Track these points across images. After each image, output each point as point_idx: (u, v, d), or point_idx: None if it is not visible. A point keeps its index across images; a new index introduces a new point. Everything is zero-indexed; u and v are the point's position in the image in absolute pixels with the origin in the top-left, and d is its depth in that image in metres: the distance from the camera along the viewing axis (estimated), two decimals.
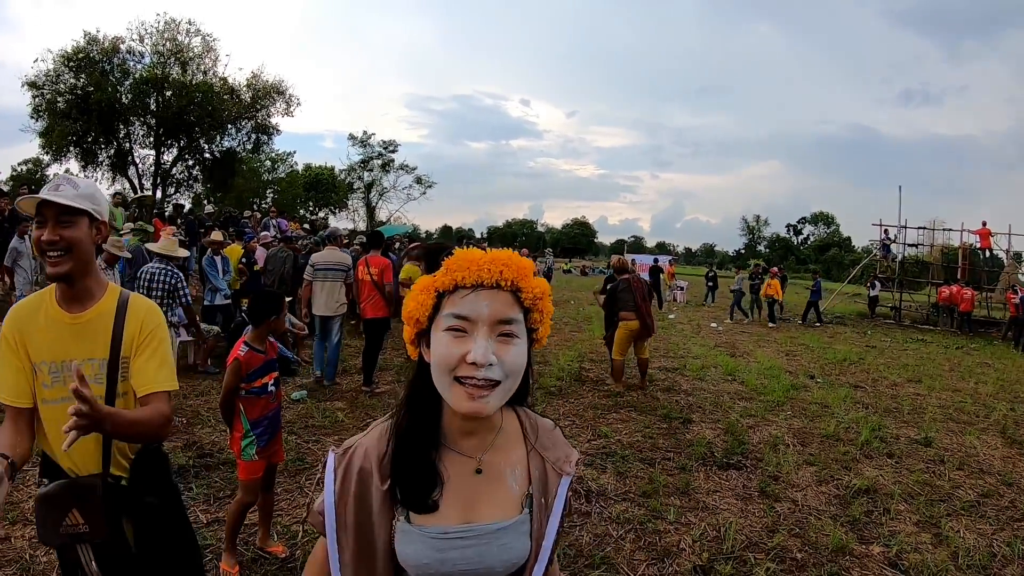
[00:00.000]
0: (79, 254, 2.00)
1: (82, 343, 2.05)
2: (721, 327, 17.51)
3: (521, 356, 1.20)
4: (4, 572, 3.60)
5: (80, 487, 2.03)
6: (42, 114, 27.00)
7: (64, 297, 2.06)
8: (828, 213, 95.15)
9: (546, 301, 1.25)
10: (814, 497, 5.11)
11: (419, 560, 1.22)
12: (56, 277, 1.99)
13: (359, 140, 49.68)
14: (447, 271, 1.21)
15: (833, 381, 10.16)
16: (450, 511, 1.24)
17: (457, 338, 1.16)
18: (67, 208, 1.96)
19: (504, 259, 1.20)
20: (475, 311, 1.17)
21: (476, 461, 1.28)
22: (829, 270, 63.41)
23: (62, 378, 2.01)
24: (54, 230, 1.95)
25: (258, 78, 30.86)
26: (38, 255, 1.97)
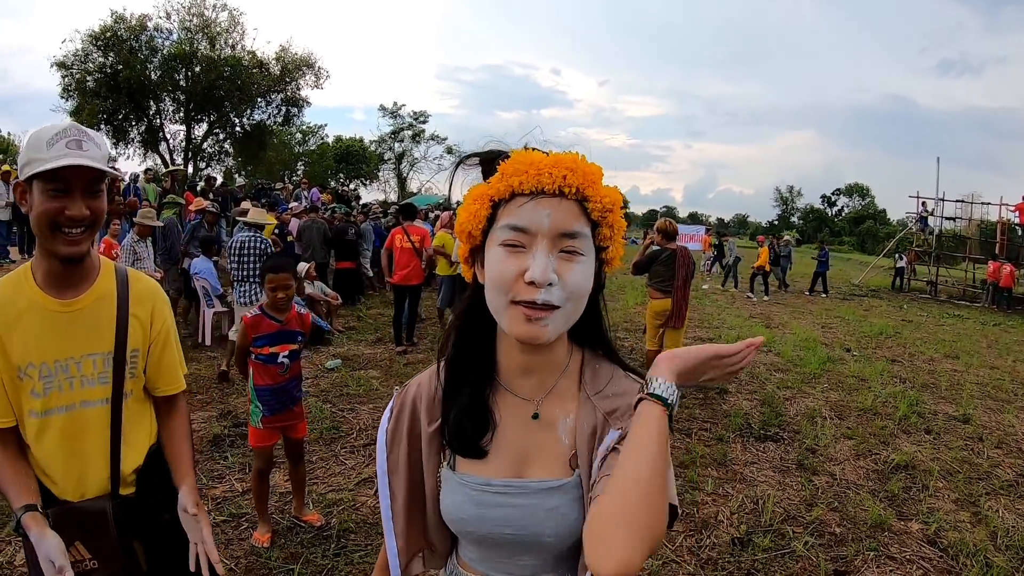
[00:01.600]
0: (99, 228, 1.63)
1: (80, 336, 1.65)
2: (756, 298, 17.38)
3: (586, 277, 1.03)
4: None
5: (84, 514, 1.65)
6: (72, 94, 27.25)
7: (53, 280, 1.62)
8: (863, 185, 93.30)
9: (617, 214, 1.08)
10: (852, 471, 5.10)
11: (457, 513, 1.13)
12: (76, 258, 1.59)
13: (389, 111, 49.71)
14: (502, 176, 1.05)
15: (870, 355, 10.08)
16: (498, 461, 1.12)
17: (514, 253, 1.01)
18: (100, 173, 1.56)
19: (569, 162, 1.03)
20: (534, 222, 1.01)
21: (534, 405, 1.13)
22: (864, 243, 62.58)
23: (57, 382, 1.62)
24: (83, 202, 1.53)
25: (287, 51, 30.87)
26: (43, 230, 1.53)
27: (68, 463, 1.66)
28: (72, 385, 1.64)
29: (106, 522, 1.67)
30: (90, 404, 1.67)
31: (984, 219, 24.61)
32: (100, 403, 1.69)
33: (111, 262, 1.77)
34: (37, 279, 1.63)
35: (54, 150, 1.47)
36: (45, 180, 1.50)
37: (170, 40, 28.91)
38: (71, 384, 1.64)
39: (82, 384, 1.65)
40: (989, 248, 22.53)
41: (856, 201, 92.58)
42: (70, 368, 1.63)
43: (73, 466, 1.66)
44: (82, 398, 1.65)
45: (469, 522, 1.12)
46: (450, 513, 1.15)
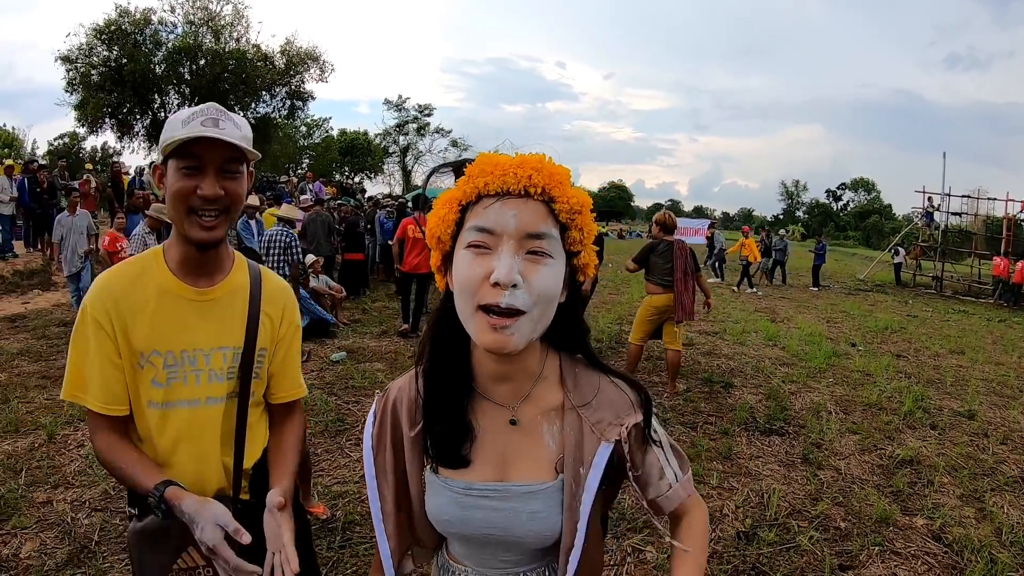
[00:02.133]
0: (235, 215, 1.52)
1: (212, 327, 1.56)
2: (761, 292, 17.41)
3: (554, 280, 1.02)
4: (46, 535, 3.70)
5: None
6: (76, 87, 27.35)
7: (187, 267, 1.54)
8: (869, 179, 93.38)
9: (586, 216, 1.06)
10: (857, 466, 5.12)
11: (441, 515, 1.16)
12: (208, 243, 1.49)
13: (394, 104, 49.71)
14: (468, 178, 1.05)
15: (875, 349, 10.10)
16: (480, 465, 1.14)
17: (480, 255, 1.01)
18: (236, 153, 1.45)
19: (535, 163, 1.03)
20: (500, 223, 1.00)
21: (510, 411, 1.14)
22: (869, 237, 62.47)
23: (183, 373, 1.52)
24: (217, 182, 1.43)
25: (291, 45, 30.94)
26: (177, 211, 1.45)
27: (187, 461, 1.56)
28: (199, 379, 1.54)
29: None
30: (214, 401, 1.57)
31: (990, 215, 24.60)
32: (223, 400, 1.59)
33: (243, 256, 1.70)
34: (170, 264, 1.54)
35: (189, 127, 1.39)
36: (178, 157, 1.42)
37: (174, 34, 29.05)
38: (197, 377, 1.54)
39: (209, 378, 1.56)
40: (995, 244, 22.51)
41: (861, 196, 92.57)
42: (198, 360, 1.54)
43: (192, 465, 1.56)
44: (208, 393, 1.56)
45: (453, 523, 1.16)
46: (435, 515, 1.18)
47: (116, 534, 3.72)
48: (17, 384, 6.33)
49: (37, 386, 6.30)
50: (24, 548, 3.56)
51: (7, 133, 41.81)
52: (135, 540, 1.52)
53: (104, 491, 4.19)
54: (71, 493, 4.18)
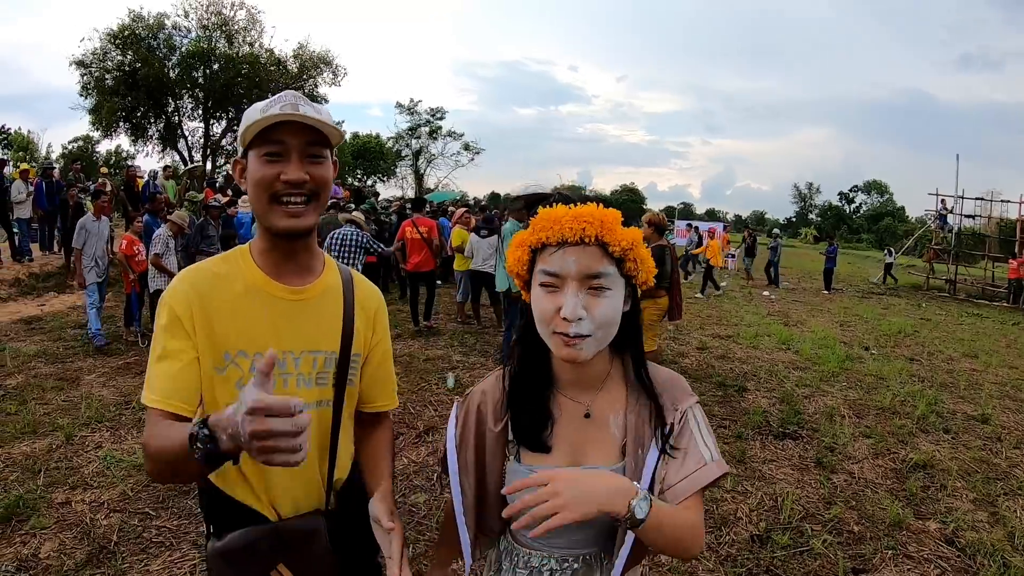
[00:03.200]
0: (323, 202, 1.43)
1: (305, 329, 1.46)
2: (774, 296, 17.35)
3: (612, 308, 1.21)
4: (65, 535, 3.74)
5: (291, 532, 1.46)
6: (91, 92, 27.72)
7: (277, 263, 1.45)
8: (882, 182, 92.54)
9: (638, 250, 1.23)
10: (871, 470, 5.12)
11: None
12: (295, 232, 1.40)
13: (406, 108, 49.76)
14: (533, 230, 1.25)
15: (888, 353, 10.04)
16: (558, 453, 1.31)
17: (550, 293, 1.21)
18: (320, 136, 1.38)
19: (587, 215, 1.19)
20: (563, 268, 1.19)
21: (585, 406, 1.32)
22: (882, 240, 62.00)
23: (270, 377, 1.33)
24: (301, 166, 1.36)
25: (304, 49, 31.22)
26: (261, 201, 1.38)
27: (273, 470, 1.39)
28: (287, 383, 1.43)
29: (319, 540, 1.47)
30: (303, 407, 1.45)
31: (1004, 217, 24.46)
32: (312, 407, 1.46)
33: (332, 258, 1.60)
34: (257, 261, 1.45)
35: (268, 113, 1.32)
36: (260, 145, 1.35)
37: (188, 38, 29.40)
38: (285, 381, 1.43)
39: (297, 383, 1.45)
40: (1009, 246, 22.38)
41: (874, 198, 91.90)
42: (287, 363, 1.43)
43: (279, 474, 1.43)
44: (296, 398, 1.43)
45: None
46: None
47: (135, 535, 3.77)
48: (34, 386, 6.40)
49: (54, 388, 6.37)
50: (43, 548, 3.61)
51: (22, 136, 42.17)
52: (217, 562, 1.42)
53: (122, 492, 4.25)
54: (89, 494, 4.23)
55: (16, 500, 4.03)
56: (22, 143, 41.55)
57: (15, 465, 4.59)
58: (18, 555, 3.53)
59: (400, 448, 5.11)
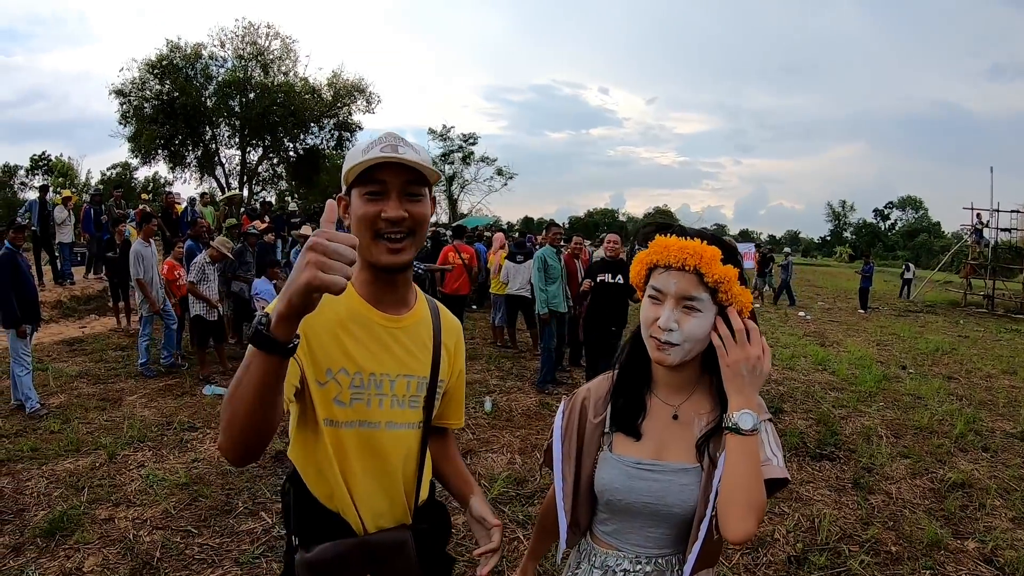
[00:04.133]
0: (421, 238, 1.52)
1: (400, 354, 1.57)
2: (810, 316, 17.17)
3: (700, 327, 1.41)
4: (109, 551, 3.83)
5: (379, 545, 1.52)
6: (130, 120, 28.33)
7: (377, 293, 1.55)
8: (916, 197, 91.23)
9: (730, 284, 1.40)
10: (908, 490, 5.05)
11: (611, 484, 1.49)
12: (395, 267, 1.50)
13: (439, 134, 50.18)
14: (649, 253, 1.48)
15: (926, 372, 9.89)
16: (645, 445, 1.49)
17: (653, 304, 1.46)
18: (417, 175, 1.46)
19: (690, 248, 1.40)
20: (666, 286, 1.43)
21: (674, 408, 1.51)
22: (918, 257, 61.07)
23: (367, 396, 1.51)
24: (400, 204, 1.45)
25: (338, 77, 31.63)
26: (363, 237, 1.46)
27: (364, 483, 1.52)
28: (382, 403, 1.53)
29: (407, 553, 1.54)
30: (395, 426, 1.56)
31: None
32: (403, 427, 1.57)
33: (421, 290, 1.72)
34: (359, 291, 1.54)
35: (369, 154, 1.41)
36: (362, 184, 1.45)
37: (224, 68, 29.95)
38: (380, 401, 1.53)
39: (392, 404, 1.55)
40: None
41: (909, 214, 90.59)
42: (384, 384, 1.53)
43: (369, 487, 1.53)
44: (388, 418, 1.54)
45: (620, 491, 1.48)
46: (605, 484, 1.51)
47: (177, 552, 3.85)
48: (77, 405, 6.57)
49: (96, 407, 6.53)
50: (87, 563, 3.71)
51: (62, 163, 43.23)
52: (304, 572, 1.46)
53: (165, 510, 4.34)
54: (132, 511, 4.34)
55: (60, 516, 4.16)
56: (63, 169, 42.58)
57: (59, 482, 4.73)
58: (62, 568, 3.64)
59: None
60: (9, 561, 3.72)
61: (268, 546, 3.92)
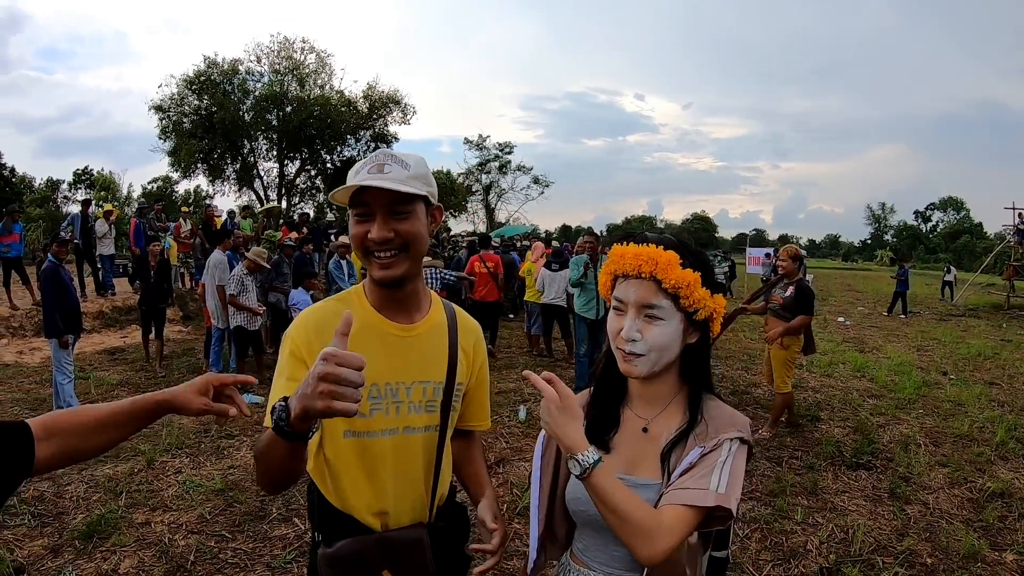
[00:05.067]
0: (417, 252, 1.56)
1: (415, 361, 1.63)
2: (849, 321, 16.90)
3: (662, 334, 1.38)
4: (144, 554, 3.94)
5: (396, 542, 1.60)
6: (169, 135, 28.83)
7: (387, 304, 1.62)
8: (957, 198, 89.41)
9: (691, 288, 1.37)
10: (946, 500, 4.95)
11: (575, 494, 1.44)
12: (387, 282, 1.55)
13: (475, 144, 50.35)
14: (609, 263, 1.47)
15: (967, 377, 9.67)
16: (615, 459, 1.44)
17: (617, 315, 1.43)
18: (401, 196, 1.49)
19: (644, 255, 1.38)
20: (626, 296, 1.41)
21: (645, 421, 1.47)
22: (961, 259, 59.80)
23: (385, 405, 1.58)
24: (386, 225, 1.49)
25: (374, 89, 31.83)
26: (359, 254, 1.56)
27: (383, 488, 1.60)
28: (399, 410, 1.60)
29: (422, 551, 1.61)
30: (412, 431, 1.62)
31: None
32: (421, 431, 1.64)
33: (438, 296, 1.78)
34: (371, 301, 1.62)
35: (358, 177, 1.48)
36: (352, 206, 1.52)
37: (261, 82, 30.31)
38: (397, 409, 1.60)
39: (408, 410, 1.61)
40: None
41: (951, 215, 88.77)
42: (400, 392, 1.60)
43: (388, 492, 1.60)
44: (406, 424, 1.61)
45: (582, 502, 1.40)
46: (571, 495, 1.47)
47: (211, 555, 3.93)
48: None
49: None
50: (123, 565, 3.81)
51: (104, 177, 44.20)
52: (326, 566, 1.55)
53: (200, 515, 4.44)
54: (168, 516, 4.44)
55: (98, 519, 4.27)
56: (104, 183, 43.54)
57: (98, 487, 4.86)
58: (98, 570, 3.74)
59: None
60: (48, 562, 3.83)
61: (300, 551, 3.98)
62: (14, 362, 9.34)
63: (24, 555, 3.89)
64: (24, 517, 4.35)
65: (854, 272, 53.17)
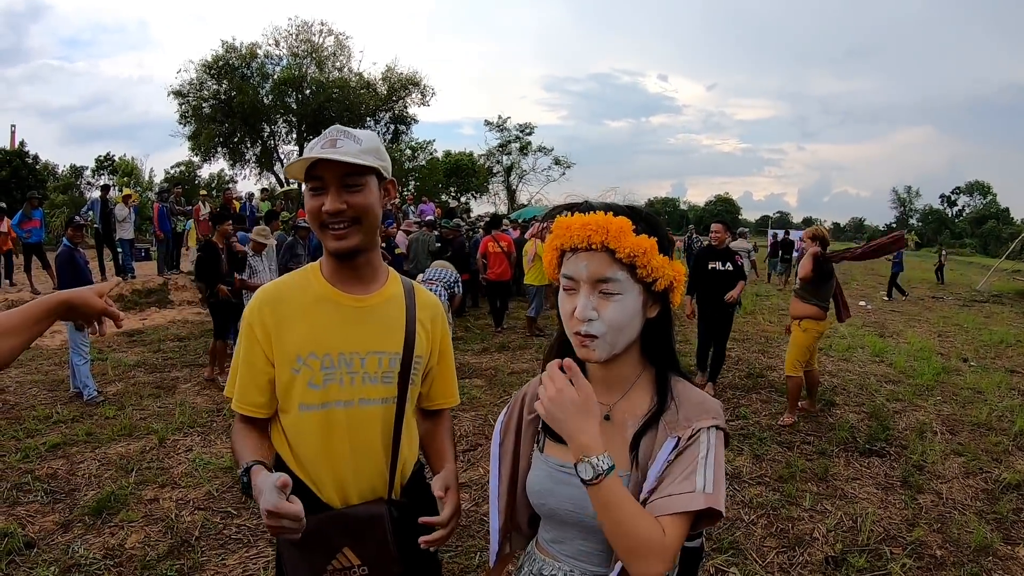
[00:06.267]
0: (369, 224, 1.59)
1: (369, 332, 1.64)
2: (871, 305, 16.72)
3: (621, 311, 1.25)
4: (151, 529, 4.00)
5: (355, 519, 1.61)
6: (189, 119, 29.19)
7: (341, 276, 1.65)
8: (984, 182, 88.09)
9: (648, 256, 1.24)
10: (960, 490, 4.87)
11: (537, 486, 1.37)
12: (342, 252, 1.59)
13: (495, 125, 50.15)
14: (553, 238, 1.32)
15: (988, 365, 9.50)
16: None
17: (569, 295, 1.29)
18: (353, 168, 1.53)
19: (592, 223, 1.24)
20: (577, 271, 1.26)
21: (607, 408, 1.34)
22: (987, 244, 58.95)
23: (338, 375, 1.59)
24: (339, 197, 1.53)
25: (392, 71, 31.88)
26: (314, 228, 1.58)
27: (341, 461, 1.62)
28: (353, 380, 1.61)
29: (381, 526, 1.61)
30: (368, 402, 1.63)
31: None
32: (378, 402, 1.64)
33: (397, 273, 1.81)
34: (325, 275, 1.66)
35: (311, 152, 1.52)
36: (307, 180, 1.56)
37: (280, 66, 30.55)
38: (352, 379, 1.61)
39: (363, 381, 1.62)
40: None
41: (977, 200, 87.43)
42: (354, 363, 1.61)
43: (347, 465, 1.62)
44: (361, 395, 1.62)
45: (542, 495, 1.35)
46: (531, 486, 1.38)
47: (215, 531, 4.00)
48: (132, 392, 6.81)
49: (151, 395, 6.76)
50: (129, 540, 3.87)
51: (126, 162, 44.56)
52: (286, 545, 1.61)
53: (208, 492, 4.50)
54: (177, 492, 4.50)
55: (108, 495, 4.35)
56: (127, 169, 43.89)
57: (110, 464, 4.94)
58: (106, 545, 3.81)
59: (479, 459, 5.19)
60: (57, 537, 3.90)
61: None
62: (34, 345, 9.41)
63: (35, 530, 3.95)
64: (37, 494, 4.42)
65: None
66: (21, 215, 12.20)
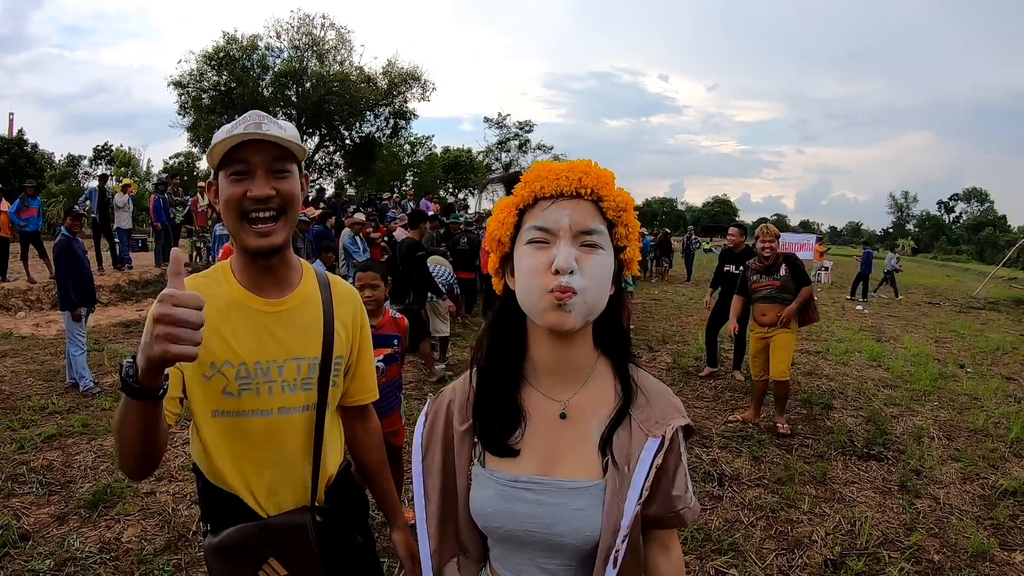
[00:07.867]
0: (293, 217, 1.47)
1: (286, 339, 1.52)
2: (867, 310, 16.75)
3: (604, 266, 1.10)
4: (148, 523, 3.99)
5: (279, 528, 1.52)
6: (188, 111, 29.08)
7: (255, 278, 1.51)
8: (982, 189, 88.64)
9: (630, 214, 1.15)
10: (957, 496, 4.87)
11: (484, 508, 1.17)
12: (265, 250, 1.45)
13: (494, 122, 50.03)
14: (525, 184, 1.15)
15: (984, 371, 9.52)
16: (527, 458, 1.16)
17: (541, 248, 1.10)
18: (284, 152, 1.42)
19: (583, 167, 1.13)
20: (556, 222, 1.09)
21: (561, 404, 1.18)
22: (983, 251, 59.09)
23: (255, 385, 1.48)
24: (267, 182, 1.40)
25: (393, 66, 31.79)
26: (231, 220, 1.42)
27: (260, 471, 1.53)
28: (271, 390, 1.50)
29: (305, 536, 1.53)
30: (288, 411, 1.53)
31: None
32: (298, 411, 1.55)
33: (310, 265, 1.68)
34: (238, 277, 1.51)
35: (232, 134, 1.37)
36: (227, 165, 1.40)
37: (280, 58, 30.45)
38: (270, 388, 1.50)
39: (282, 390, 1.52)
40: None
41: (974, 207, 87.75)
42: (271, 371, 1.50)
43: (267, 474, 1.54)
44: (280, 404, 1.52)
45: (495, 517, 1.15)
46: (478, 508, 1.18)
47: None
48: None
49: None
50: (126, 533, 3.85)
51: (124, 153, 44.39)
52: (212, 556, 1.52)
53: None
54: (174, 486, 4.48)
55: (104, 488, 4.32)
56: (124, 159, 43.70)
57: (106, 456, 4.93)
58: (102, 538, 3.79)
59: None
60: (52, 530, 3.88)
61: None
62: (31, 334, 9.40)
63: (30, 523, 3.93)
64: (32, 486, 4.40)
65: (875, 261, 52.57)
66: (19, 203, 12.15)
